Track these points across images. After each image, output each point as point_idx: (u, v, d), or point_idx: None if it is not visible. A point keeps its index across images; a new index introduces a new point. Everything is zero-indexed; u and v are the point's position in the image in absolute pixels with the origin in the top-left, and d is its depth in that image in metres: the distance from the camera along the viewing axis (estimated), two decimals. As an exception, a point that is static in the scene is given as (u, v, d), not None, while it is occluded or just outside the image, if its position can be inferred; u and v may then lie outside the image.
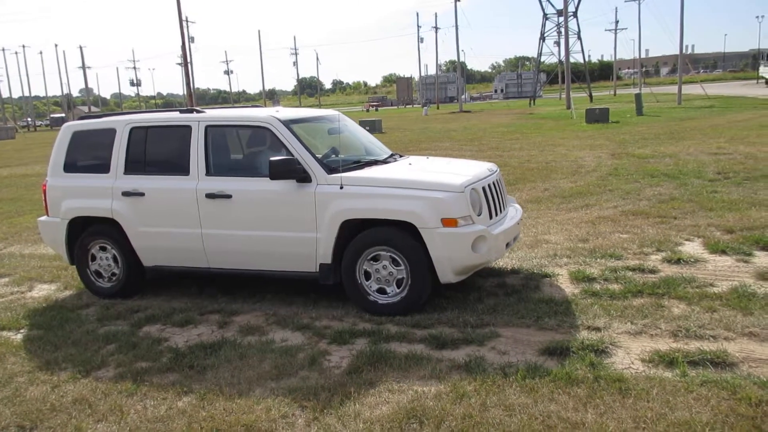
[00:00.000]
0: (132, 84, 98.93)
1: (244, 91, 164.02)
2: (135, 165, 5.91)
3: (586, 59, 63.35)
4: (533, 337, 4.61)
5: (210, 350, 4.69)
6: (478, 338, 4.62)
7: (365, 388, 3.97)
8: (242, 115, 5.83)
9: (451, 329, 4.85)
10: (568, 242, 7.23)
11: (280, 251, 5.46)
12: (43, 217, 6.42)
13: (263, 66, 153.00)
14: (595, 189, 10.62)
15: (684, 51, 41.84)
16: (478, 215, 5.13)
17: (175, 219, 5.75)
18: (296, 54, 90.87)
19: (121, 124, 6.01)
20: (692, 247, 6.66)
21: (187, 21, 52.09)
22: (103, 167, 6.02)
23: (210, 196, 5.55)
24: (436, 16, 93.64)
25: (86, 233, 6.18)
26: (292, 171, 5.20)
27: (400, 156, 6.40)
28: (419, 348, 4.53)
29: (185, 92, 60.76)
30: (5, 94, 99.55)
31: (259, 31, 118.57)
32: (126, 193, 5.86)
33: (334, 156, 5.74)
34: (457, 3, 58.37)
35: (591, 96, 54.85)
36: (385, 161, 6.01)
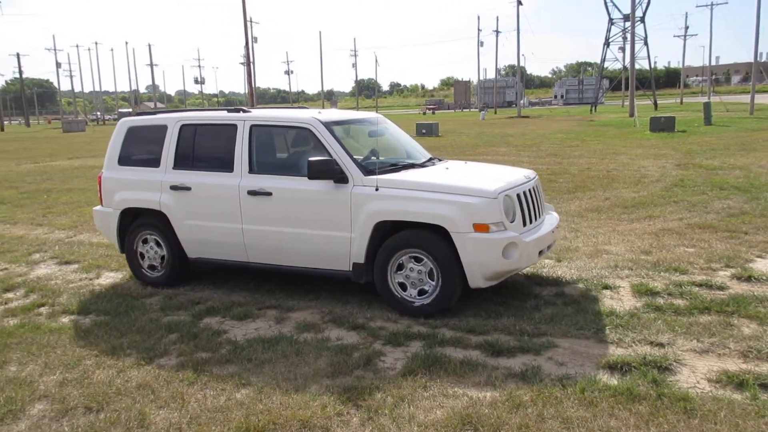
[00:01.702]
0: (196, 82, 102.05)
1: (302, 91, 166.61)
2: (183, 160, 6.14)
3: (652, 66, 61.50)
4: (592, 350, 4.50)
5: (267, 345, 4.77)
6: (535, 347, 4.54)
7: (420, 391, 3.96)
8: (285, 116, 5.96)
9: (507, 337, 4.79)
10: (629, 254, 7.02)
11: (316, 249, 5.58)
12: (98, 207, 6.73)
13: (323, 67, 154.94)
14: (659, 200, 10.28)
15: (758, 58, 40.02)
16: (511, 222, 5.13)
17: (219, 214, 5.94)
18: (355, 55, 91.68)
19: (172, 120, 6.26)
20: (764, 265, 6.36)
21: (251, 21, 53.29)
22: (154, 161, 6.26)
23: (251, 193, 5.72)
24: (497, 20, 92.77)
25: (136, 224, 6.45)
26: (330, 171, 5.32)
27: (439, 160, 6.43)
28: (474, 354, 4.49)
29: (246, 91, 62.14)
30: (77, 89, 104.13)
31: (320, 32, 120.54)
32: (174, 187, 6.11)
33: (373, 158, 5.80)
34: (520, 7, 57.65)
35: (656, 104, 53.23)
36: (422, 165, 6.05)
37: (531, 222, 5.46)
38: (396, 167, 5.76)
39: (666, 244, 7.39)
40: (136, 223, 6.45)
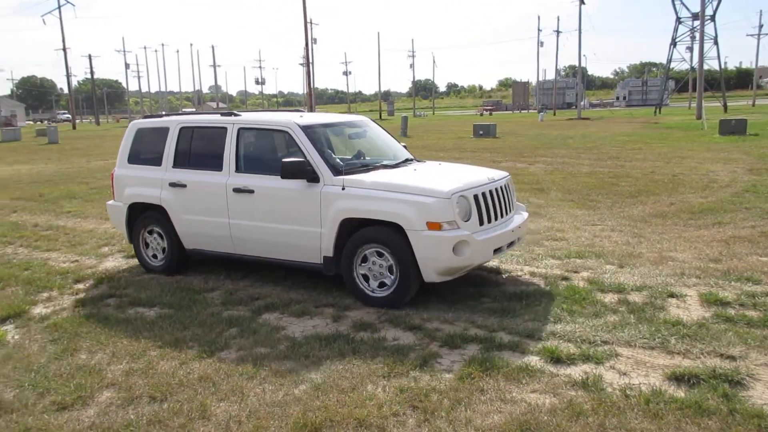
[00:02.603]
0: (257, 82, 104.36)
1: (360, 92, 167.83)
2: (181, 159, 6.67)
3: (722, 66, 59.01)
4: (657, 360, 4.34)
5: (324, 342, 4.81)
6: (596, 356, 4.42)
7: (477, 394, 3.92)
8: (268, 119, 6.45)
9: (566, 344, 4.67)
10: (697, 261, 6.75)
11: (292, 242, 6.00)
12: (111, 201, 7.34)
13: (380, 67, 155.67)
14: (729, 206, 9.85)
15: (839, 59, 37.75)
16: (465, 221, 5.40)
17: (209, 209, 6.44)
18: (413, 56, 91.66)
19: (174, 123, 6.80)
20: None
21: (311, 23, 54.04)
22: (157, 160, 6.81)
23: (236, 190, 6.20)
24: (558, 20, 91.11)
25: (142, 217, 7.03)
26: (301, 171, 5.74)
27: (417, 161, 6.80)
28: (533, 360, 4.40)
29: (305, 91, 63.04)
30: (144, 89, 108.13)
31: (378, 33, 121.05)
32: (172, 184, 6.64)
33: (352, 159, 6.29)
34: (582, 6, 56.34)
35: (726, 106, 51.01)
36: (395, 166, 6.37)
37: (490, 221, 5.71)
38: (367, 168, 6.10)
39: (737, 252, 7.06)
40: (142, 216, 7.02)
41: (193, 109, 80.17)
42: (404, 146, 7.28)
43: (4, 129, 46.43)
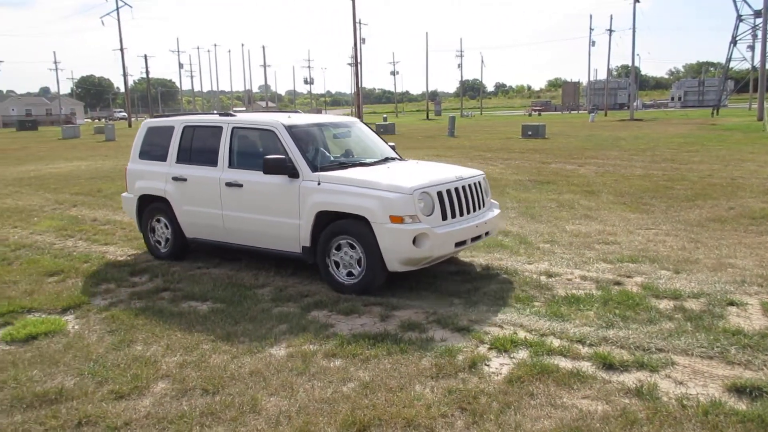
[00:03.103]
0: (305, 82, 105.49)
1: (407, 92, 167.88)
2: (183, 156, 7.27)
3: (785, 66, 56.48)
4: (717, 370, 4.19)
5: (372, 341, 4.82)
6: (651, 363, 4.30)
7: (526, 399, 3.87)
8: (258, 119, 6.94)
9: (619, 350, 4.56)
10: (759, 269, 6.49)
11: (275, 233, 6.49)
12: (124, 193, 8.05)
13: (428, 67, 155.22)
14: (792, 212, 9.42)
15: None
16: (428, 215, 5.77)
17: (205, 201, 7.01)
18: (461, 56, 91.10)
19: (178, 122, 7.41)
20: None
21: (359, 23, 54.33)
22: (163, 156, 7.44)
23: (228, 184, 6.75)
24: (611, 18, 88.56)
25: (149, 208, 7.67)
26: (281, 168, 6.21)
27: (400, 159, 7.30)
28: (585, 365, 4.32)
29: (352, 91, 63.34)
30: (196, 88, 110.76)
31: (426, 33, 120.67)
32: (175, 178, 7.25)
33: (331, 157, 6.84)
34: (636, 3, 54.92)
35: (788, 107, 48.81)
36: (372, 164, 6.84)
37: (455, 216, 6.04)
38: (344, 165, 6.58)
39: (801, 260, 6.76)
40: (150, 207, 7.66)
41: (244, 109, 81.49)
42: (392, 146, 7.72)
43: (64, 126, 48.35)
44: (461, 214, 6.14)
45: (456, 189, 6.12)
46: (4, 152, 28.86)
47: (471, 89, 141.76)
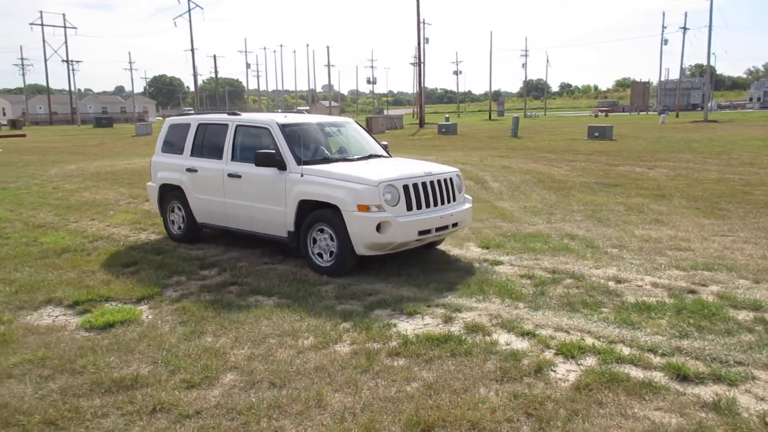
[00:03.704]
0: (368, 82, 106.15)
1: (469, 92, 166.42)
2: (196, 150, 8.22)
3: None
4: (801, 387, 3.96)
5: (436, 342, 4.81)
6: (729, 377, 4.10)
7: (595, 407, 3.76)
8: (257, 118, 7.81)
9: (694, 361, 4.38)
10: None
11: (266, 218, 7.27)
12: (149, 182, 9.10)
13: (492, 67, 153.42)
14: None
15: None
16: (393, 206, 6.41)
17: (212, 190, 7.90)
18: (526, 55, 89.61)
19: (194, 120, 8.43)
20: None
21: (423, 23, 54.22)
22: (180, 150, 8.41)
23: (230, 175, 7.63)
24: (685, 16, 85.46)
25: (168, 196, 8.65)
26: (271, 161, 7.00)
27: (385, 157, 7.91)
28: (657, 376, 4.17)
29: (414, 91, 63.30)
30: (262, 88, 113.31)
31: (491, 32, 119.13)
32: (188, 169, 8.19)
33: (337, 153, 7.69)
34: (713, 0, 52.56)
35: None
36: (356, 159, 7.52)
37: (420, 208, 6.62)
38: (328, 160, 7.30)
39: None
40: (168, 195, 8.64)
41: (308, 108, 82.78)
42: (384, 145, 8.41)
43: (137, 124, 50.42)
44: (427, 206, 6.70)
45: (423, 184, 6.70)
46: (82, 148, 30.37)
47: (535, 89, 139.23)
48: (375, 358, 4.55)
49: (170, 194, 8.62)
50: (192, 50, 67.46)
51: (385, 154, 8.07)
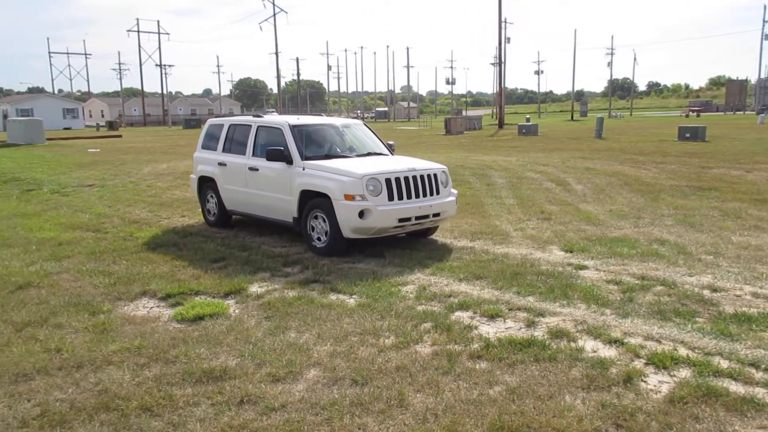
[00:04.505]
0: (447, 82, 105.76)
1: (551, 92, 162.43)
2: (227, 147, 9.54)
3: None
4: None
5: (519, 346, 4.72)
6: (843, 396, 3.79)
7: (690, 422, 3.58)
8: (272, 120, 9.01)
9: (802, 378, 4.08)
10: None
11: (277, 206, 8.45)
12: (192, 175, 10.42)
13: (575, 66, 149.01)
14: None
15: None
16: (375, 196, 7.35)
17: (237, 181, 9.19)
18: (611, 54, 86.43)
19: (227, 122, 9.85)
20: None
21: (505, 22, 53.46)
22: (215, 147, 9.76)
23: (251, 168, 8.88)
24: (787, 9, 79.52)
25: (204, 186, 10.03)
26: (279, 156, 8.20)
27: (386, 155, 8.90)
28: (760, 392, 3.91)
29: (494, 91, 62.45)
30: (342, 89, 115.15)
31: (574, 31, 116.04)
32: (220, 164, 9.55)
33: (338, 150, 8.71)
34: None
35: None
36: (355, 156, 8.60)
37: (401, 198, 7.54)
38: (329, 156, 8.38)
39: None
40: (205, 185, 9.99)
41: (386, 109, 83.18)
42: (390, 144, 9.38)
43: (224, 125, 52.29)
44: (408, 198, 7.59)
45: (405, 178, 7.62)
46: (173, 148, 31.87)
47: (620, 89, 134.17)
48: (456, 360, 4.52)
49: (206, 185, 9.97)
50: (276, 53, 69.50)
51: (386, 152, 9.07)
